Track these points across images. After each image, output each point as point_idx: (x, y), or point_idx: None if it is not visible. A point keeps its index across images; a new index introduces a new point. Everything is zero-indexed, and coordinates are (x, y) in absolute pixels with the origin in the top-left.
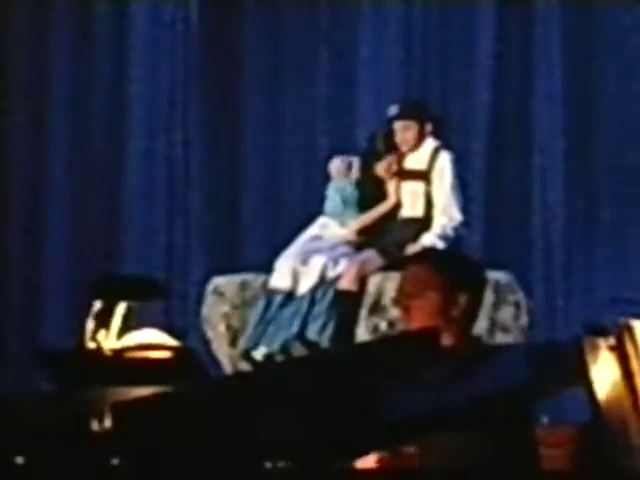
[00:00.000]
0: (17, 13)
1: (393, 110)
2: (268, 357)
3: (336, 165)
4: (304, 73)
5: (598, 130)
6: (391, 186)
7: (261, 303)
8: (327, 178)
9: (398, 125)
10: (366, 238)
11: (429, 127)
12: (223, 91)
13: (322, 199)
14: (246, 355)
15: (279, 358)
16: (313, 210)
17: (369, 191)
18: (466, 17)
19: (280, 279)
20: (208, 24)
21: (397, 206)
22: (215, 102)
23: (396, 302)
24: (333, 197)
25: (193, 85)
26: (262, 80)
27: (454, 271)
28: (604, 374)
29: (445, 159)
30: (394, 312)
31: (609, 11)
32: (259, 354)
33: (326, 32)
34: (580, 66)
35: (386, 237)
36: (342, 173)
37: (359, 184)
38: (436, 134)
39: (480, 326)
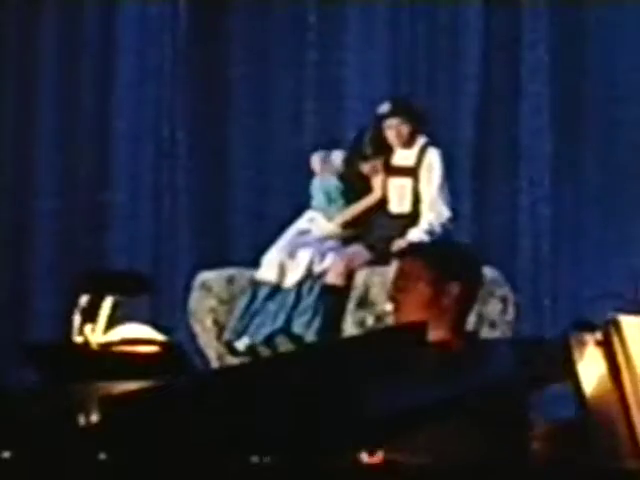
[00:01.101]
0: (6, 10)
1: (385, 107)
2: (250, 348)
3: (316, 161)
4: (291, 69)
5: (585, 130)
6: (376, 180)
7: (246, 295)
8: (313, 173)
9: (392, 122)
10: (353, 232)
11: (420, 124)
12: (210, 87)
13: (309, 194)
14: (228, 345)
15: (263, 351)
16: (301, 205)
17: (354, 185)
18: (453, 15)
19: (266, 271)
20: (196, 22)
21: (383, 201)
22: (202, 99)
23: (389, 296)
24: (317, 192)
25: (180, 82)
26: (249, 76)
27: (444, 261)
28: (591, 369)
29: (433, 156)
30: (381, 306)
31: (597, 10)
32: (241, 345)
33: (313, 30)
34: (567, 65)
35: (373, 232)
36: (323, 168)
37: (343, 178)
38: (424, 131)
39: (467, 321)
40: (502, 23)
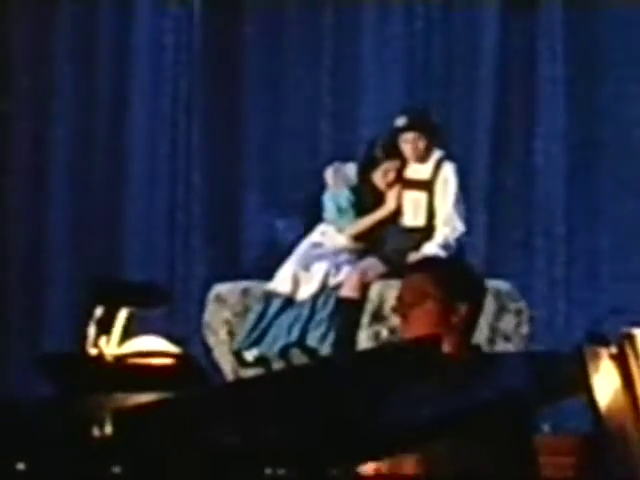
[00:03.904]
0: (19, 11)
1: (401, 121)
2: (259, 359)
3: (329, 174)
4: (306, 78)
5: (602, 141)
6: (390, 193)
7: (259, 306)
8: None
9: (409, 136)
10: (367, 245)
11: (436, 138)
12: (223, 100)
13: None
14: (237, 355)
15: (274, 362)
16: (314, 217)
17: (367, 198)
18: (469, 25)
19: (280, 283)
20: (210, 30)
21: (397, 213)
22: (216, 108)
23: (395, 311)
24: (329, 205)
25: (195, 95)
26: (263, 86)
27: (453, 280)
28: (605, 383)
29: (449, 170)
30: (396, 320)
31: (613, 14)
32: (250, 355)
33: (328, 40)
34: (584, 74)
35: (388, 245)
36: (336, 181)
37: (356, 191)
38: (440, 144)
39: (481, 334)
40: (518, 32)
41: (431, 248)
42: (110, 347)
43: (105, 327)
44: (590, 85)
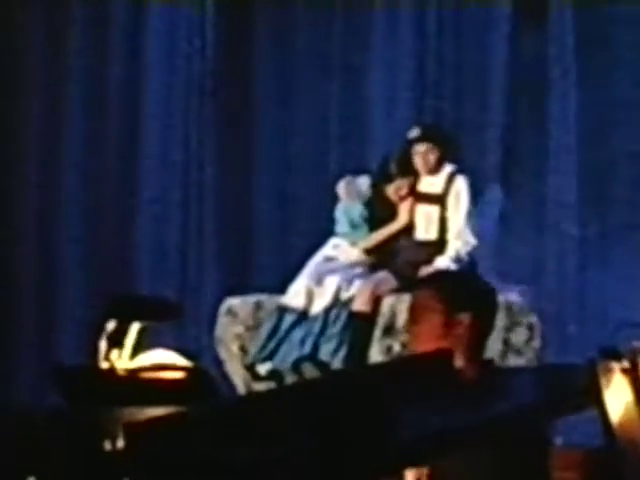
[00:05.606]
0: (32, 14)
1: (414, 133)
2: (272, 373)
3: (342, 187)
4: (316, 92)
5: (614, 156)
6: (403, 206)
7: (272, 320)
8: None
9: (421, 148)
10: (378, 259)
11: (448, 151)
12: (234, 111)
13: (334, 220)
14: (250, 369)
15: (287, 376)
16: (326, 231)
17: (379, 211)
18: (479, 36)
19: (293, 297)
20: (221, 44)
21: (409, 227)
22: (227, 121)
23: (405, 328)
24: (341, 218)
25: (206, 104)
26: (274, 98)
27: (454, 291)
28: (617, 397)
29: (461, 183)
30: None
31: (622, 12)
32: (263, 369)
33: (338, 52)
34: (595, 86)
35: (400, 258)
36: (348, 195)
37: (369, 204)
38: (452, 158)
39: (493, 348)
40: (529, 45)
41: (443, 262)
42: (122, 361)
43: (117, 341)
44: (602, 97)
